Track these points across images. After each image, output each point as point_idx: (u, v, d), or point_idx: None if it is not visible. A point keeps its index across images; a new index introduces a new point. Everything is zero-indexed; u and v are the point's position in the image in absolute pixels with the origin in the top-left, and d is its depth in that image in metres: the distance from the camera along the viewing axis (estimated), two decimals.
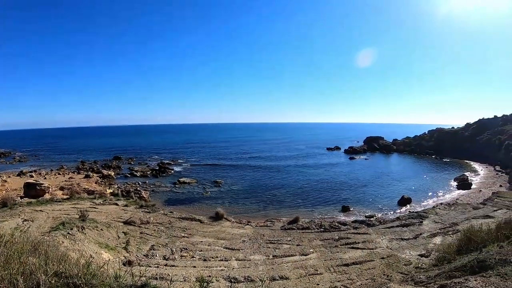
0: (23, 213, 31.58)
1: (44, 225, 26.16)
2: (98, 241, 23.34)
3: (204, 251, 23.76)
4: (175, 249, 24.12)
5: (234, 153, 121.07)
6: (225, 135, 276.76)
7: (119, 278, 9.09)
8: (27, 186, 50.52)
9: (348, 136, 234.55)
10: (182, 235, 28.18)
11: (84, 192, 50.30)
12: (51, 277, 8.63)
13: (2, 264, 8.30)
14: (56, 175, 77.06)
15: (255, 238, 27.25)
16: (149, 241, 26.05)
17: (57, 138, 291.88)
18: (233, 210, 43.48)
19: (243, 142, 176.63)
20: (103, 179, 69.91)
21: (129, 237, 26.27)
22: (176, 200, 51.26)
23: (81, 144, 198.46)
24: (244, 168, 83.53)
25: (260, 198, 51.08)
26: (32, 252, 10.88)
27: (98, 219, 29.16)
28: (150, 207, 38.88)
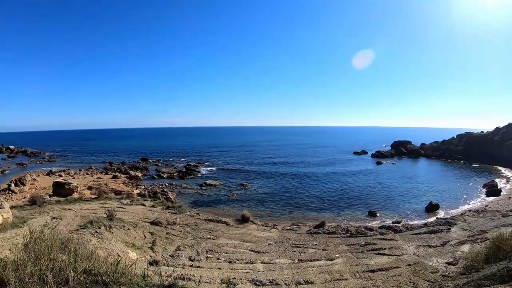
0: (52, 211, 32.27)
1: (72, 223, 26.65)
2: (125, 240, 23.63)
3: (230, 253, 23.79)
4: (200, 250, 24.22)
5: (261, 156, 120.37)
6: (251, 138, 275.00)
7: (146, 278, 9.17)
8: (56, 185, 51.59)
9: (374, 140, 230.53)
10: (208, 236, 28.28)
11: (111, 192, 51.01)
12: (80, 274, 8.77)
13: (32, 260, 8.45)
14: (85, 175, 78.32)
15: (280, 242, 27.14)
16: (175, 241, 26.24)
17: (85, 139, 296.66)
18: (259, 213, 43.18)
19: (270, 146, 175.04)
20: (130, 180, 70.62)
21: (156, 237, 26.51)
22: (202, 202, 51.24)
23: (108, 145, 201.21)
24: (270, 172, 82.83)
25: (286, 202, 50.67)
26: (62, 249, 11.05)
27: (125, 219, 29.57)
28: (177, 208, 39.20)
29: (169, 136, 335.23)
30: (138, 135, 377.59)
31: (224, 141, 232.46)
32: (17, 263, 8.42)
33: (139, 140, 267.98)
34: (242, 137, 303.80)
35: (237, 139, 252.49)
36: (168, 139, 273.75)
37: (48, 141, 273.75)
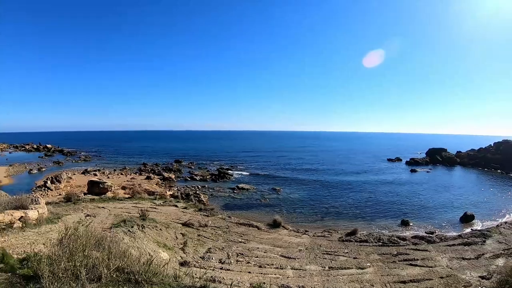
0: (86, 209, 32.81)
1: (105, 221, 26.92)
2: (156, 240, 23.75)
3: (260, 258, 23.58)
4: (231, 253, 24.12)
5: (294, 161, 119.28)
6: (285, 143, 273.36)
7: (178, 278, 9.09)
8: (91, 184, 52.57)
9: (409, 146, 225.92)
10: (239, 240, 28.16)
11: (145, 193, 51.53)
12: (113, 271, 8.80)
13: (67, 256, 8.47)
14: (119, 175, 79.94)
15: (311, 248, 26.78)
16: (206, 244, 26.22)
17: (120, 140, 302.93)
18: (291, 219, 42.77)
19: (303, 151, 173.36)
20: (163, 181, 71.22)
21: (187, 238, 26.56)
22: (234, 206, 51.17)
23: (143, 147, 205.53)
24: (303, 177, 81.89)
25: (318, 208, 50.03)
26: (96, 246, 11.17)
27: (158, 219, 29.74)
28: (209, 210, 39.28)
29: (203, 139, 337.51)
30: (173, 138, 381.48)
31: (258, 145, 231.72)
32: (52, 258, 8.48)
33: (174, 142, 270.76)
34: (275, 141, 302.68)
35: (270, 144, 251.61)
36: (202, 142, 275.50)
37: (84, 141, 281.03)
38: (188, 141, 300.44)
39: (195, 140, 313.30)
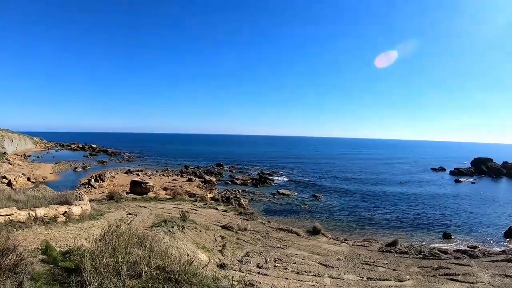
0: (128, 207, 33.38)
1: (146, 220, 27.25)
2: (196, 241, 23.79)
3: (298, 264, 23.20)
4: (269, 258, 23.85)
5: (336, 169, 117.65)
6: (326, 149, 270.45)
7: (216, 280, 8.93)
8: (133, 184, 53.69)
9: (454, 156, 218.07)
10: (278, 245, 27.87)
11: (185, 194, 52.20)
12: (154, 269, 8.73)
13: (109, 251, 8.49)
14: (161, 176, 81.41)
15: (350, 257, 26.15)
16: (245, 247, 26.06)
17: (163, 142, 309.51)
18: (330, 226, 42.15)
19: (345, 158, 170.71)
20: (204, 184, 71.94)
21: (226, 241, 26.49)
22: (274, 211, 50.96)
23: (186, 149, 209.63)
24: (344, 185, 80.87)
25: (358, 216, 49.12)
26: (137, 244, 11.17)
27: (198, 221, 29.87)
28: (249, 214, 39.19)
29: (247, 144, 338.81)
30: (216, 141, 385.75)
31: (300, 151, 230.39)
32: (94, 253, 8.55)
33: (216, 146, 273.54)
34: (316, 147, 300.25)
35: (311, 150, 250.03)
36: (245, 147, 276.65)
37: (128, 142, 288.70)
38: (231, 145, 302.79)
39: (239, 145, 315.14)
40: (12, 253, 7.84)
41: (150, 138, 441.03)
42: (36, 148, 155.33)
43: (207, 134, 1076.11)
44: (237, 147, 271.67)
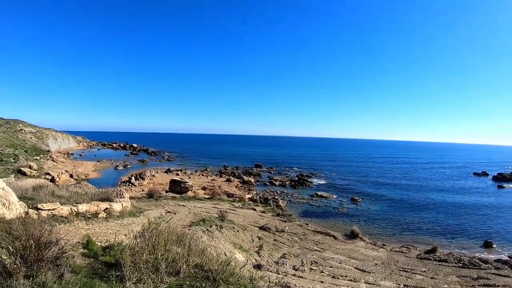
0: (167, 205, 33.80)
1: (185, 219, 27.46)
2: (233, 241, 23.81)
3: (334, 268, 22.83)
4: (305, 261, 23.61)
5: (376, 172, 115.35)
6: (368, 151, 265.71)
7: (253, 281, 8.85)
8: (172, 183, 54.50)
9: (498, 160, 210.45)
10: (315, 248, 27.59)
11: (224, 194, 52.51)
12: (192, 268, 8.77)
13: (149, 248, 8.57)
14: (200, 176, 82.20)
15: (388, 263, 25.53)
16: (282, 249, 25.92)
17: (203, 143, 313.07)
18: (368, 230, 41.36)
19: (386, 161, 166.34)
20: (243, 184, 72.18)
21: (263, 242, 26.42)
22: (312, 213, 50.43)
23: (225, 150, 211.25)
24: (384, 188, 79.20)
25: (397, 222, 47.95)
26: (177, 242, 11.25)
27: (236, 221, 29.92)
28: (287, 216, 39.02)
29: (284, 145, 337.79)
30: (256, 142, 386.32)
31: (340, 153, 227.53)
32: (134, 249, 8.64)
33: (256, 147, 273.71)
34: (356, 150, 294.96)
35: (352, 152, 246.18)
36: (283, 148, 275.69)
37: (168, 142, 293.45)
38: (270, 146, 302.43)
39: (278, 146, 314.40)
40: (55, 246, 8.01)
41: (190, 139, 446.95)
42: (78, 146, 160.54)
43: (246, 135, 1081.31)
44: (276, 148, 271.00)
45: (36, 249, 7.44)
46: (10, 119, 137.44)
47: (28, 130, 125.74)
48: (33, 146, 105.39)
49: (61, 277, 7.34)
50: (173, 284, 7.83)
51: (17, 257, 7.26)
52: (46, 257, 7.60)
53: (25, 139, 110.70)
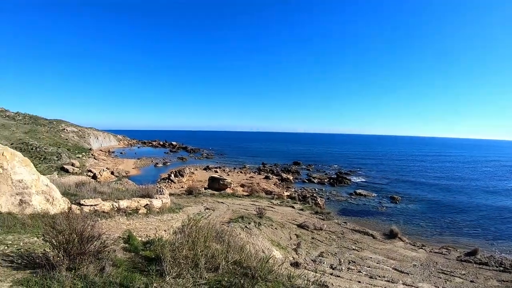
0: (206, 202, 34.23)
1: (223, 216, 27.70)
2: (271, 238, 23.83)
3: (372, 268, 22.41)
4: (343, 260, 23.30)
5: (415, 169, 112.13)
6: (409, 149, 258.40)
7: (291, 279, 8.79)
8: (211, 180, 55.05)
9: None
10: (353, 247, 27.22)
11: (262, 192, 52.63)
12: (231, 264, 8.81)
13: (189, 244, 8.65)
14: (238, 173, 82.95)
15: (426, 264, 24.83)
16: (319, 247, 25.70)
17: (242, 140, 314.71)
18: (408, 230, 40.37)
19: (427, 159, 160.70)
20: (281, 182, 72.15)
21: (301, 240, 26.31)
22: (350, 211, 49.88)
23: (263, 147, 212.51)
24: (424, 187, 77.05)
25: (437, 222, 46.54)
26: (216, 238, 11.37)
27: (274, 218, 29.92)
28: (325, 214, 38.65)
29: (324, 142, 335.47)
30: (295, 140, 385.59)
31: (381, 151, 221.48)
32: (174, 244, 8.76)
33: (295, 144, 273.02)
34: (399, 147, 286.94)
35: (390, 149, 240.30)
36: (321, 145, 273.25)
37: (207, 140, 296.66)
38: (309, 143, 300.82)
39: (317, 143, 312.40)
40: (97, 240, 8.20)
41: (228, 136, 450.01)
42: (119, 145, 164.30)
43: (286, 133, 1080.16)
44: (315, 145, 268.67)
45: (79, 243, 7.69)
46: (53, 119, 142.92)
47: (70, 130, 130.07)
48: (75, 144, 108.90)
49: (102, 270, 7.58)
50: (211, 280, 7.89)
51: (61, 250, 7.53)
52: (88, 250, 7.84)
53: (67, 138, 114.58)
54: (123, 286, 7.04)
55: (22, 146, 76.75)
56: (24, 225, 12.01)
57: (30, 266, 7.86)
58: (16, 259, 8.36)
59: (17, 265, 8.01)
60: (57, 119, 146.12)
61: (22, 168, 13.97)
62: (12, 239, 10.48)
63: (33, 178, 14.23)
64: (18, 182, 13.55)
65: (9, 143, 72.07)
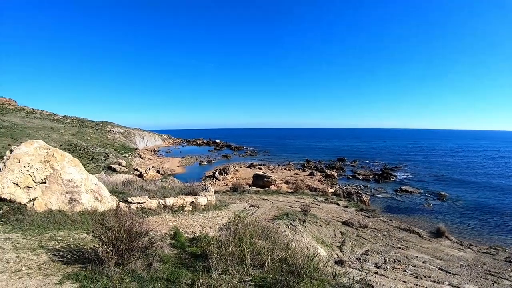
0: (250, 199, 34.35)
1: (268, 213, 27.70)
2: (315, 235, 23.66)
3: (417, 268, 21.78)
4: (388, 258, 22.80)
5: (465, 165, 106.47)
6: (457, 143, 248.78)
7: (337, 277, 8.70)
8: (255, 177, 55.25)
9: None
10: (398, 245, 26.61)
11: (307, 188, 52.33)
12: (276, 261, 8.79)
13: (235, 241, 8.71)
14: (283, 170, 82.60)
15: (474, 265, 23.86)
16: (364, 245, 25.29)
17: (285, 137, 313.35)
18: (455, 229, 38.84)
19: (477, 154, 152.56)
20: (326, 178, 71.52)
21: (345, 237, 26.00)
22: (395, 208, 48.67)
23: (307, 144, 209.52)
24: (473, 184, 73.54)
25: (486, 220, 44.51)
26: (262, 235, 11.37)
27: (318, 215, 29.72)
28: (370, 211, 38.05)
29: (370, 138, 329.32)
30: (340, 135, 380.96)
31: (428, 145, 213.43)
32: (221, 241, 8.86)
33: (340, 140, 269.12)
34: (448, 141, 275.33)
35: (441, 144, 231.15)
36: (365, 141, 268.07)
37: (251, 137, 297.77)
38: (354, 139, 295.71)
39: (362, 139, 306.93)
40: (144, 237, 8.38)
41: (271, 134, 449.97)
42: (164, 144, 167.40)
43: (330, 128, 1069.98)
44: (360, 141, 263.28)
45: (127, 239, 7.93)
46: (99, 121, 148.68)
47: (117, 130, 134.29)
48: (121, 144, 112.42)
49: (150, 265, 7.81)
50: (257, 276, 7.91)
51: (110, 246, 7.77)
52: (136, 246, 8.08)
53: (114, 139, 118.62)
54: (170, 282, 7.22)
55: (71, 147, 79.60)
56: (73, 222, 12.52)
57: (80, 261, 8.21)
58: (66, 254, 8.77)
59: (67, 259, 8.39)
60: (103, 121, 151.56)
61: (72, 168, 14.50)
62: (62, 235, 10.97)
63: (83, 177, 14.75)
64: (68, 181, 14.10)
65: (58, 144, 74.88)
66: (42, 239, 10.23)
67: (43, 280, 7.03)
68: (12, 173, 12.99)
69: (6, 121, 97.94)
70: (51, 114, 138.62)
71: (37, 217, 12.17)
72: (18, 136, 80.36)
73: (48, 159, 13.93)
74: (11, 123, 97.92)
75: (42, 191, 13.36)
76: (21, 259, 8.20)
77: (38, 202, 13.08)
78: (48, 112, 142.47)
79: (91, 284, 6.78)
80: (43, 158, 13.89)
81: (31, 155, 13.81)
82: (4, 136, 79.64)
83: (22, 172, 13.10)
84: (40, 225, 11.64)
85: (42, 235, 10.67)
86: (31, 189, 13.15)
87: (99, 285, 6.70)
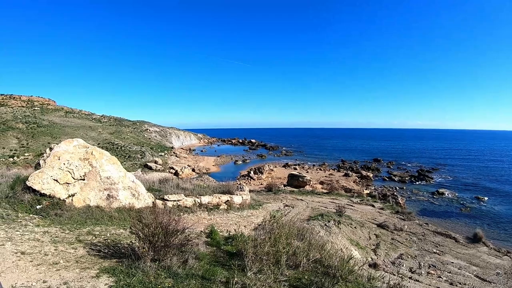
0: (285, 199, 34.25)
1: (303, 213, 27.57)
2: (350, 237, 23.38)
3: (453, 274, 21.14)
4: (423, 263, 22.27)
5: (505, 168, 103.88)
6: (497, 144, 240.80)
7: (372, 280, 8.56)
8: (290, 177, 55.18)
9: None
10: (434, 250, 25.96)
11: (342, 189, 51.85)
12: (312, 262, 8.72)
13: (272, 241, 8.70)
14: (318, 170, 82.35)
15: (510, 273, 23.11)
16: (399, 249, 24.80)
17: (320, 137, 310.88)
18: (492, 234, 37.40)
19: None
20: (361, 179, 71.01)
21: (380, 240, 25.58)
22: (431, 212, 47.51)
23: (343, 144, 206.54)
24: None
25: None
26: (297, 236, 11.31)
27: (353, 217, 29.35)
28: (406, 214, 37.31)
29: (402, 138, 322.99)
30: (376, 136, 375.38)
31: (467, 147, 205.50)
32: (256, 240, 8.86)
33: (376, 140, 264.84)
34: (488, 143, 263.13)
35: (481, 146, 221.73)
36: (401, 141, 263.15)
37: (286, 137, 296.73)
38: (390, 139, 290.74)
39: (399, 139, 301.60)
40: (181, 234, 8.47)
41: (306, 133, 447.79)
42: (200, 143, 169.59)
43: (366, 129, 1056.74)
44: (397, 141, 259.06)
45: (164, 236, 8.07)
46: (136, 121, 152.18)
47: (153, 130, 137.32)
48: (157, 143, 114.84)
49: (185, 262, 7.93)
50: (292, 277, 7.89)
51: (146, 242, 7.92)
52: (173, 243, 8.21)
53: (150, 138, 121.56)
54: (205, 279, 7.26)
55: (108, 145, 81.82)
56: (111, 218, 12.89)
57: (116, 256, 8.42)
58: (103, 248, 9.01)
59: (104, 254, 8.62)
60: (140, 120, 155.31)
61: (110, 165, 14.85)
62: (99, 230, 11.29)
63: (120, 175, 15.08)
64: (106, 178, 14.48)
65: (96, 143, 76.94)
66: (80, 233, 10.55)
67: (80, 273, 7.23)
68: (52, 169, 13.42)
69: (46, 120, 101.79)
70: (89, 114, 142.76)
71: (75, 212, 12.59)
72: (58, 135, 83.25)
73: (87, 157, 14.32)
74: (51, 122, 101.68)
75: (80, 187, 13.77)
76: (59, 252, 8.47)
77: (76, 198, 13.51)
78: (86, 112, 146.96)
79: (127, 278, 6.92)
80: (82, 156, 14.30)
81: (70, 153, 14.23)
82: (44, 135, 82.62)
83: (62, 169, 13.51)
84: (78, 220, 12.05)
85: (80, 229, 11.01)
86: (70, 185, 13.58)
87: (135, 280, 6.82)
